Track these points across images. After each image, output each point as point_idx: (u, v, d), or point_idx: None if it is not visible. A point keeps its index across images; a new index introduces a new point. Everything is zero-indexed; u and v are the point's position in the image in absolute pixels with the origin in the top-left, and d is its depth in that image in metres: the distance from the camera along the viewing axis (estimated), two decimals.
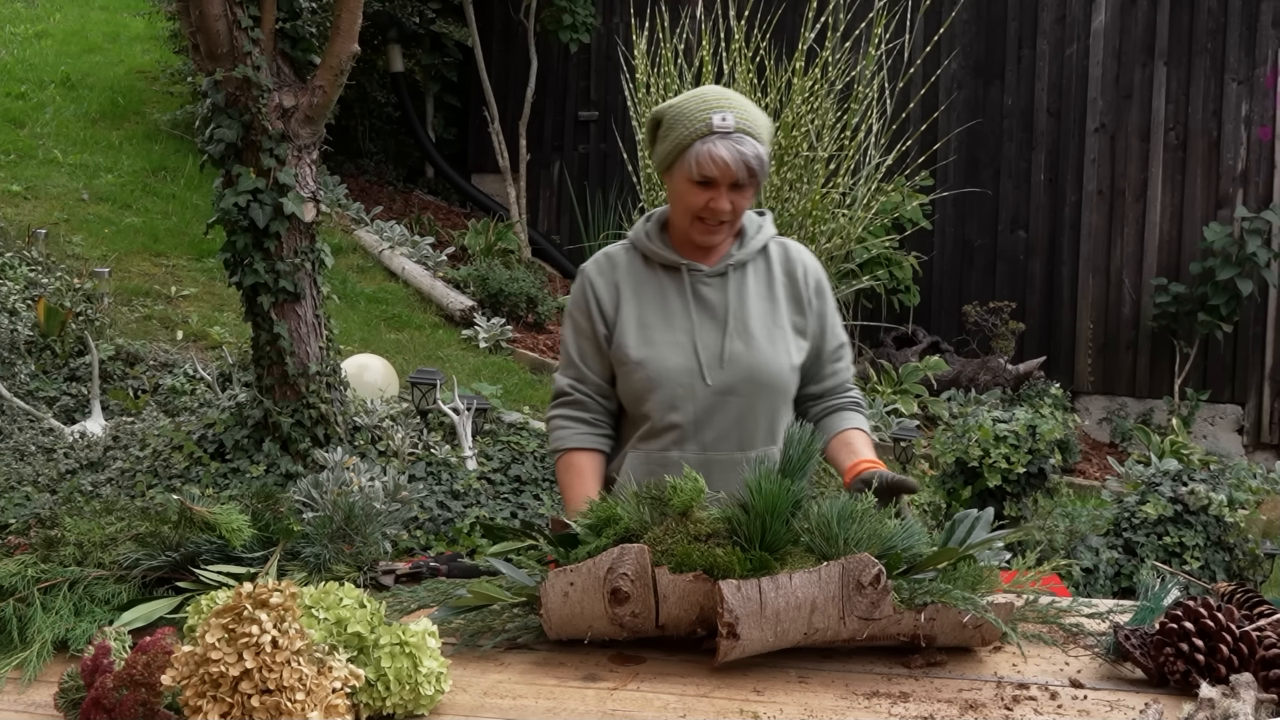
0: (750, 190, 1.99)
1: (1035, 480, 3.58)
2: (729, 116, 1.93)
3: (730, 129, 1.93)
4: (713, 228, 2.00)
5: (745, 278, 2.06)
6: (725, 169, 1.93)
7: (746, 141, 1.94)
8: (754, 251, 2.07)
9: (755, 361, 2.00)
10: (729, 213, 1.97)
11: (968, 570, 1.64)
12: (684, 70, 4.80)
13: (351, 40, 3.72)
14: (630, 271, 2.08)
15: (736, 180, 1.95)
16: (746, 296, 2.04)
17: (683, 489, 1.68)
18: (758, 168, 1.95)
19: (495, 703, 1.48)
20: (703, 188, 1.96)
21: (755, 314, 2.04)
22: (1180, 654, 1.45)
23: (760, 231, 2.09)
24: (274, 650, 1.26)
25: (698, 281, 2.04)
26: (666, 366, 2.01)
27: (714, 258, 2.06)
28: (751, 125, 1.96)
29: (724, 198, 1.96)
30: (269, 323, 3.78)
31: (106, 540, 1.87)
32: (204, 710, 1.25)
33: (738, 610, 1.51)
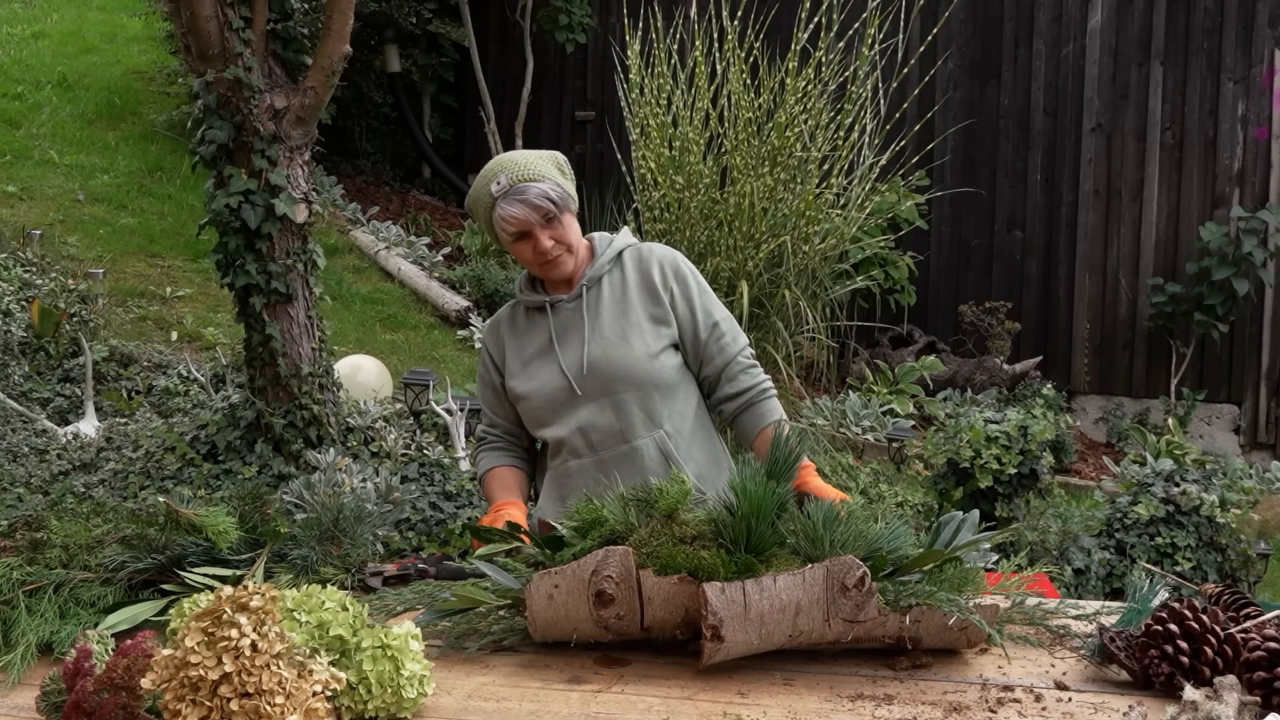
0: (563, 218, 2.15)
1: (1027, 481, 3.58)
2: (501, 179, 2.12)
3: (506, 188, 2.11)
4: (554, 263, 2.17)
5: (600, 291, 2.22)
6: (520, 221, 2.11)
7: (526, 189, 2.10)
8: (605, 264, 2.23)
9: (612, 359, 2.16)
10: (556, 246, 2.15)
11: (954, 572, 1.63)
12: (678, 71, 4.80)
13: (343, 41, 3.71)
14: (512, 323, 2.29)
15: (539, 222, 2.12)
16: (600, 306, 2.20)
17: (668, 491, 1.68)
18: (547, 204, 2.12)
19: (479, 705, 1.48)
20: (522, 241, 2.14)
21: (608, 319, 2.19)
22: (1165, 656, 1.45)
23: (610, 246, 2.25)
24: (253, 654, 1.26)
25: (561, 310, 2.23)
26: (545, 392, 2.19)
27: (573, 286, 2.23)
28: (526, 172, 2.12)
29: (541, 238, 2.13)
30: (261, 324, 3.78)
31: (93, 542, 1.87)
32: (183, 714, 1.25)
33: (722, 613, 1.51)
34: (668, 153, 4.69)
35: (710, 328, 2.24)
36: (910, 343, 7.07)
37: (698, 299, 2.24)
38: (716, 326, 2.24)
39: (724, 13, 4.72)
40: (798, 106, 4.63)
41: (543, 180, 2.12)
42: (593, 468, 2.17)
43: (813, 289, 4.74)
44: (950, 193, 7.34)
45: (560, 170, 2.20)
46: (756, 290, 4.59)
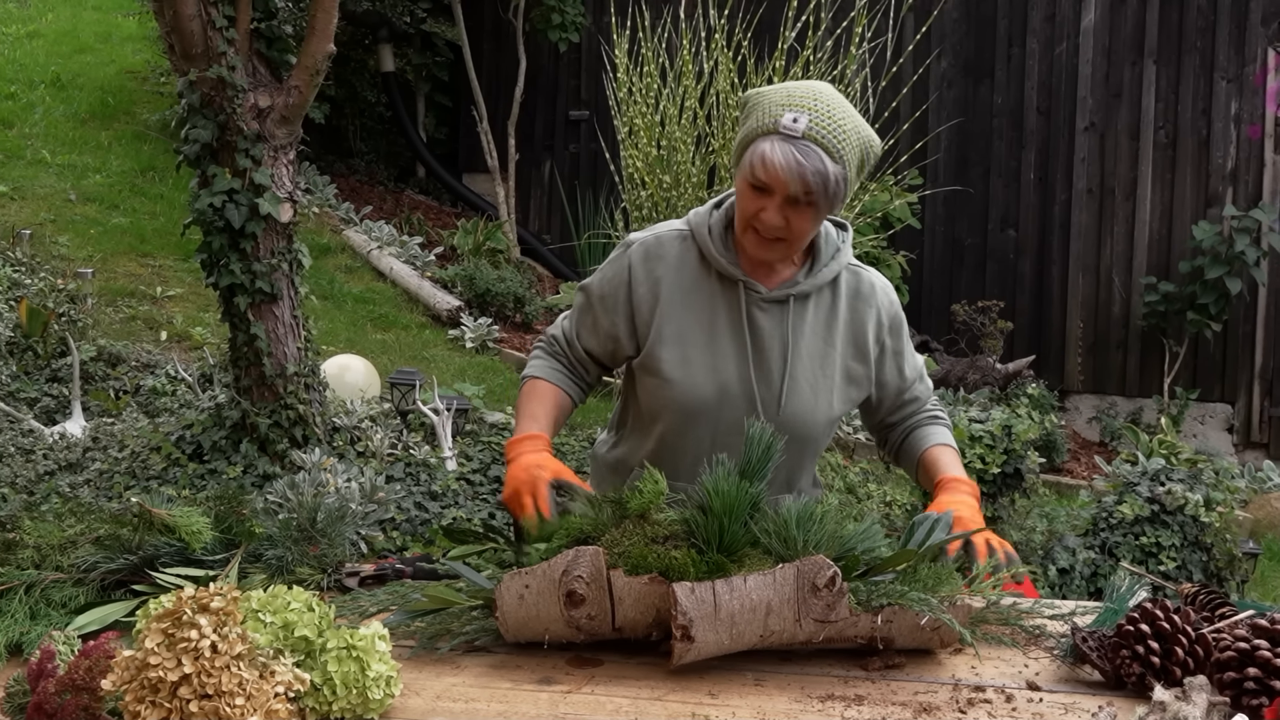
0: (814, 211, 1.71)
1: (1012, 480, 3.56)
2: (801, 118, 1.66)
3: (798, 133, 1.66)
4: (766, 243, 1.74)
5: (805, 310, 1.81)
6: (777, 177, 1.67)
7: (813, 153, 1.66)
8: (823, 282, 1.82)
9: (791, 409, 1.79)
10: (782, 229, 1.71)
11: (927, 572, 1.63)
12: (666, 70, 4.80)
13: (327, 40, 3.70)
14: (680, 269, 1.82)
15: (791, 194, 1.68)
16: (801, 334, 1.80)
17: (641, 491, 1.67)
18: (819, 186, 1.67)
19: (447, 706, 1.47)
20: (756, 192, 1.71)
21: (805, 354, 1.81)
22: (1136, 656, 1.44)
23: (835, 259, 1.84)
24: (213, 655, 1.25)
25: (753, 304, 1.80)
26: (697, 395, 1.81)
27: (776, 279, 1.81)
28: (827, 135, 1.67)
29: (775, 211, 1.70)
30: (246, 323, 3.77)
31: (65, 543, 1.86)
32: (142, 715, 1.24)
33: (691, 613, 1.50)
34: (655, 152, 4.69)
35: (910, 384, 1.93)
36: None
37: (905, 355, 1.91)
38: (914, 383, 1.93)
39: (711, 12, 4.72)
40: None
41: (838, 160, 1.68)
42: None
43: None
44: (943, 191, 7.34)
45: (861, 163, 1.75)
46: None
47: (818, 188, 1.67)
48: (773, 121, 1.68)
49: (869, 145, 1.75)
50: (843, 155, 1.68)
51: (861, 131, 1.73)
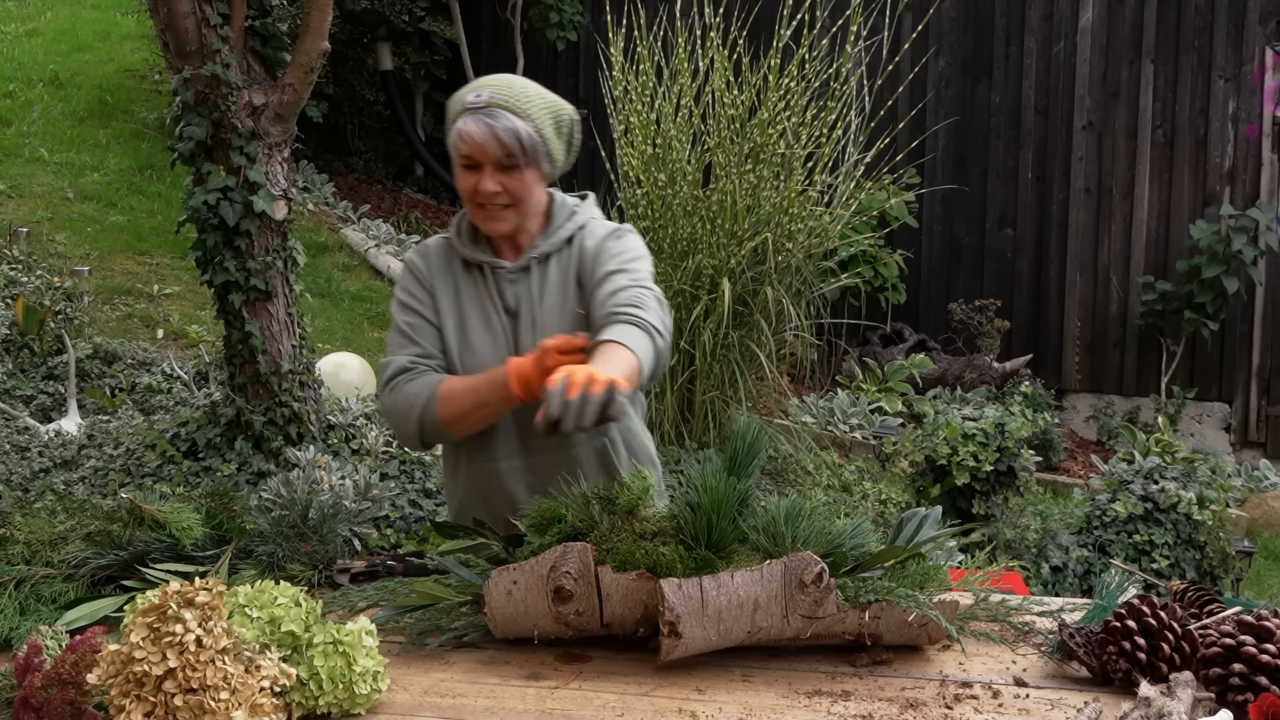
0: (525, 171, 1.85)
1: (1005, 478, 3.56)
2: (484, 92, 1.84)
3: (482, 104, 1.82)
4: (492, 214, 1.88)
5: (547, 271, 1.94)
6: (476, 145, 1.82)
7: (501, 115, 1.82)
8: (559, 242, 1.94)
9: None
10: (502, 195, 1.85)
11: (915, 568, 1.63)
12: (662, 68, 4.79)
13: (321, 38, 3.70)
14: (446, 267, 1.98)
15: (494, 158, 1.83)
16: (546, 291, 1.93)
17: (630, 487, 1.67)
18: (514, 142, 1.82)
19: (435, 701, 1.47)
20: (469, 170, 1.86)
21: (551, 309, 1.92)
22: (1122, 652, 1.45)
23: (571, 219, 1.96)
24: (198, 649, 1.25)
25: (501, 280, 1.94)
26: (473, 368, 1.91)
27: (518, 253, 1.95)
28: (509, 98, 1.84)
29: (489, 178, 1.84)
30: (241, 321, 3.77)
31: (56, 539, 1.86)
32: (127, 709, 1.24)
33: (679, 609, 1.50)
34: (651, 150, 4.69)
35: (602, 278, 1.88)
36: (900, 341, 7.07)
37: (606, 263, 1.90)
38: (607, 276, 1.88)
39: (707, 10, 4.71)
40: (780, 103, 4.62)
41: (525, 118, 1.83)
42: (524, 470, 1.94)
43: (797, 286, 4.73)
44: (941, 190, 7.34)
45: (556, 125, 1.89)
46: (739, 288, 4.58)
47: (514, 144, 1.82)
48: (460, 105, 1.86)
49: (559, 111, 1.90)
50: (529, 114, 1.84)
51: (547, 98, 1.90)
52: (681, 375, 4.68)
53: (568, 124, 1.92)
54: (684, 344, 4.65)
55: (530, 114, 1.85)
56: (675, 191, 4.67)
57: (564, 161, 1.94)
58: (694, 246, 4.63)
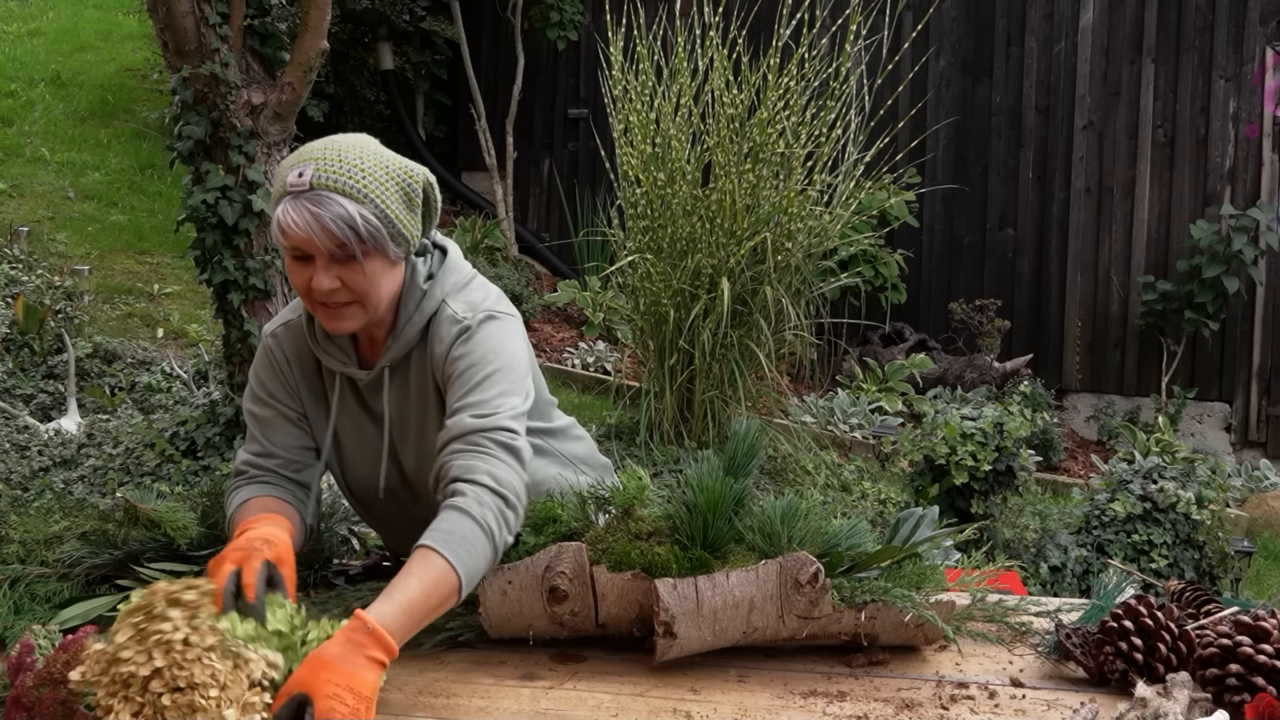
0: (366, 261, 1.54)
1: (1003, 478, 3.55)
2: (307, 170, 1.51)
3: (305, 185, 1.50)
4: (334, 312, 1.57)
5: (407, 375, 1.67)
6: (300, 238, 1.50)
7: (327, 200, 1.50)
8: (412, 338, 1.64)
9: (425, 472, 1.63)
10: (341, 291, 1.54)
11: (912, 568, 1.62)
12: (661, 68, 4.79)
13: (320, 37, 3.70)
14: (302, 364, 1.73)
15: (326, 250, 1.52)
16: (407, 400, 1.68)
17: (625, 487, 1.67)
18: (347, 233, 1.50)
19: (428, 701, 1.47)
20: (299, 263, 1.55)
21: (414, 420, 1.68)
22: (1119, 653, 1.44)
23: (419, 309, 1.64)
24: (185, 648, 1.25)
25: (361, 392, 1.70)
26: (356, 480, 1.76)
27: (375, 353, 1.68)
28: (338, 177, 1.52)
29: (323, 274, 1.53)
30: (239, 320, 3.77)
31: (51, 538, 1.86)
32: (115, 710, 1.24)
33: (674, 609, 1.50)
34: (650, 149, 4.68)
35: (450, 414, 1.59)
36: (901, 340, 7.06)
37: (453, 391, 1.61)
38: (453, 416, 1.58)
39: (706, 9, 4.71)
40: (780, 103, 4.62)
41: (361, 200, 1.52)
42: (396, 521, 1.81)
43: (796, 286, 4.73)
44: (941, 190, 7.33)
45: (405, 196, 1.57)
46: (739, 287, 4.58)
47: (347, 235, 1.51)
48: (282, 184, 1.54)
49: (407, 175, 1.59)
50: (365, 192, 1.52)
51: (391, 165, 1.58)
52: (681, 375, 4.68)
53: (420, 190, 1.61)
54: (683, 343, 4.64)
55: (366, 192, 1.52)
56: (675, 191, 4.67)
57: (421, 231, 1.64)
58: (693, 246, 4.62)
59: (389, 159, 1.59)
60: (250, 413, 1.76)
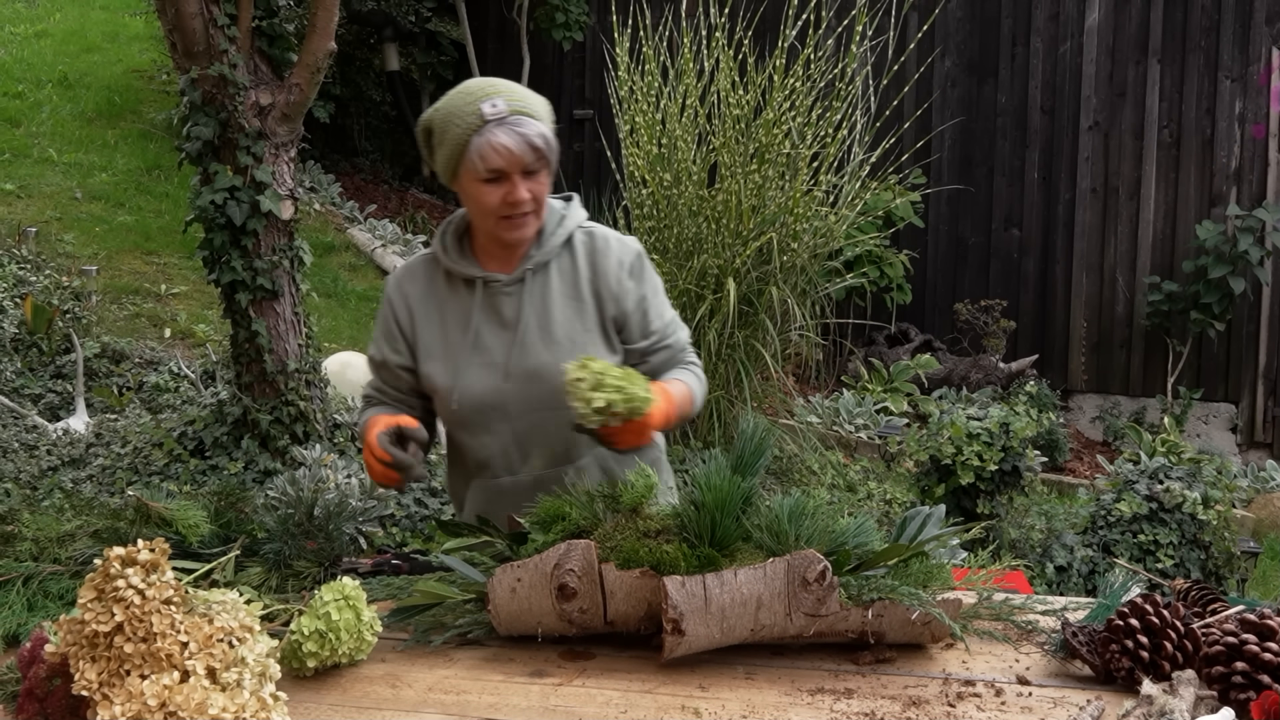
0: (545, 174, 1.85)
1: (1009, 478, 3.55)
2: (498, 101, 1.80)
3: (504, 114, 1.79)
4: (519, 221, 1.85)
5: (548, 279, 1.91)
6: (510, 156, 1.79)
7: (525, 122, 1.80)
8: (555, 248, 1.91)
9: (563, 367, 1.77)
10: (530, 201, 1.83)
11: (919, 567, 1.63)
12: (667, 68, 4.80)
13: (328, 38, 3.71)
14: (431, 288, 1.94)
15: (526, 165, 1.81)
16: (550, 301, 1.90)
17: (634, 485, 1.67)
18: (544, 147, 1.81)
19: (438, 698, 1.48)
20: (494, 184, 1.81)
21: (560, 319, 1.89)
22: (1125, 651, 1.45)
23: (561, 224, 1.93)
24: (142, 601, 1.28)
25: (495, 294, 1.90)
26: (474, 393, 1.89)
27: (513, 264, 1.91)
28: (525, 105, 1.82)
29: (519, 187, 1.81)
30: (247, 320, 3.79)
31: (63, 536, 1.87)
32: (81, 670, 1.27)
33: (682, 606, 1.50)
34: (656, 150, 4.69)
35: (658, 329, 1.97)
36: (906, 341, 7.06)
37: (650, 299, 1.96)
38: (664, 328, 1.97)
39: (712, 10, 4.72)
40: (786, 103, 4.63)
41: (542, 120, 1.83)
42: (529, 486, 1.90)
43: (802, 286, 4.74)
44: (947, 190, 7.33)
45: (551, 120, 1.89)
46: (744, 288, 4.59)
47: (544, 148, 1.81)
48: (476, 117, 1.80)
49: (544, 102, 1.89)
50: (540, 115, 1.83)
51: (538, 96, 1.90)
52: None
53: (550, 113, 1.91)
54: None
55: (540, 115, 1.84)
56: (680, 191, 4.68)
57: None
58: (699, 246, 4.63)
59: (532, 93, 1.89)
60: (370, 358, 2.02)
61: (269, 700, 1.31)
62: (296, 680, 1.50)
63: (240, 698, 1.28)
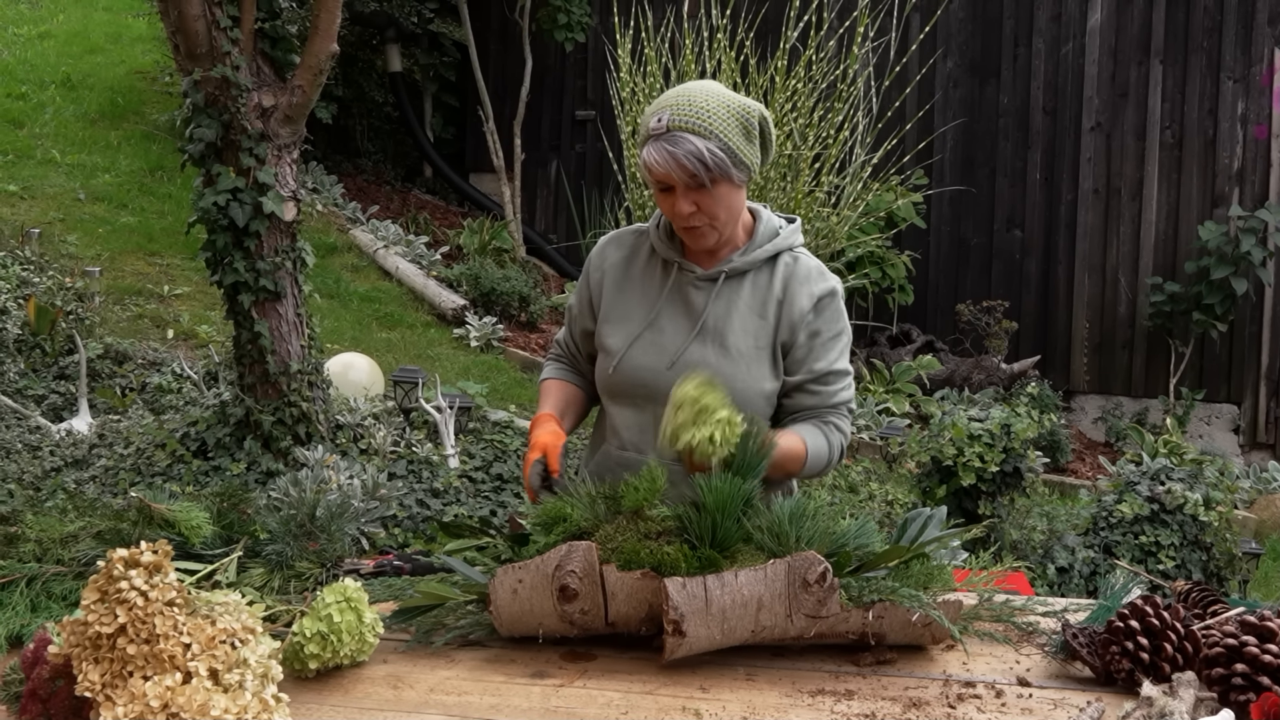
0: (715, 188, 1.85)
1: (1011, 479, 3.55)
2: (664, 116, 1.84)
3: (663, 130, 1.83)
4: (695, 233, 1.90)
5: (740, 287, 1.94)
6: (661, 172, 1.84)
7: (682, 140, 1.82)
8: (757, 261, 1.94)
9: (727, 376, 1.86)
10: (697, 215, 1.87)
11: (920, 568, 1.63)
12: (669, 70, 4.81)
13: (330, 40, 3.72)
14: (632, 257, 2.02)
15: (682, 181, 1.84)
16: (735, 307, 1.93)
17: (636, 487, 1.68)
18: (697, 164, 1.82)
19: (440, 699, 1.48)
20: (663, 194, 1.88)
21: (738, 328, 1.92)
22: (1125, 652, 1.45)
23: (773, 241, 1.96)
24: (145, 603, 1.29)
25: (687, 282, 1.95)
26: (635, 367, 1.94)
27: (715, 261, 1.96)
28: (688, 119, 1.83)
29: (682, 200, 1.86)
30: (250, 321, 3.79)
31: (67, 537, 1.88)
32: (84, 671, 1.27)
33: (683, 607, 1.51)
34: None
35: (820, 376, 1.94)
36: (908, 342, 7.06)
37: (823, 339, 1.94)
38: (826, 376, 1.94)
39: (714, 11, 4.72)
40: (787, 105, 4.63)
41: (707, 136, 1.82)
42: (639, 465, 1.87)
43: None
44: (949, 191, 7.33)
45: (743, 128, 1.87)
46: None
47: (697, 168, 1.82)
48: (646, 131, 1.88)
49: (746, 111, 1.88)
50: (711, 129, 1.83)
51: (731, 104, 1.87)
52: None
53: (756, 123, 1.89)
54: None
55: (713, 130, 1.83)
56: None
57: (762, 162, 1.95)
58: None
59: (729, 99, 1.89)
60: (568, 306, 2.13)
61: (271, 701, 1.31)
62: (298, 681, 1.50)
63: (242, 699, 1.28)
